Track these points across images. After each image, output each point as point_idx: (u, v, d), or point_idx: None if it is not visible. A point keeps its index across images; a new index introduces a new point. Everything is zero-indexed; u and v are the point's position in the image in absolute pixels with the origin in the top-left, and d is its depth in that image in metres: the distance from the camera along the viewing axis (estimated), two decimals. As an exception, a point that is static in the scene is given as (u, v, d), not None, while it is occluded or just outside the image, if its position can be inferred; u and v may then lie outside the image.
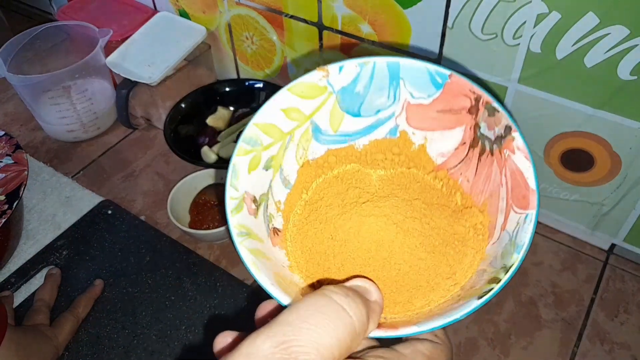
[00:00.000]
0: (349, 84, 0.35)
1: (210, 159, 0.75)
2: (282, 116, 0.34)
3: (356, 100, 0.35)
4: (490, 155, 0.32)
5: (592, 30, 0.48)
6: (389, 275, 0.31)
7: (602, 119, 0.53)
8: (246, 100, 0.84)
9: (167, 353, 0.57)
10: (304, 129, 0.35)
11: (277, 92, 0.34)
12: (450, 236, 0.32)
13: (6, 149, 0.67)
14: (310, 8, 0.67)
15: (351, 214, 0.34)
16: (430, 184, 0.36)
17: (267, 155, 0.34)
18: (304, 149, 0.36)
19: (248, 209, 0.32)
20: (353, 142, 0.37)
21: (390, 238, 0.32)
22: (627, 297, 0.60)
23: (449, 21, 0.56)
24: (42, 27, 0.82)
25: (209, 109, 0.83)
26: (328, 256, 0.33)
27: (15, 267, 0.66)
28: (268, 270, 0.29)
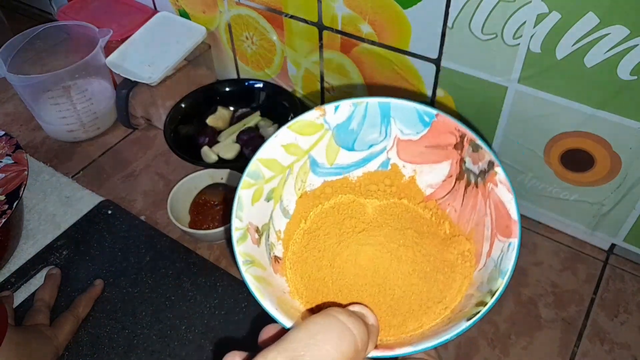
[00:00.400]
0: (344, 121, 0.38)
1: (210, 159, 0.75)
2: (282, 151, 0.38)
3: (350, 136, 0.38)
4: (475, 187, 0.35)
5: (592, 30, 0.48)
6: (384, 300, 0.33)
7: (602, 118, 0.53)
8: (246, 100, 0.84)
9: (167, 353, 0.57)
10: (302, 163, 0.38)
11: (280, 129, 0.39)
12: (440, 263, 0.34)
13: (6, 149, 0.67)
14: (310, 8, 0.67)
15: (348, 243, 0.36)
16: (420, 214, 0.38)
17: (269, 188, 0.37)
18: (302, 181, 0.39)
19: (252, 238, 0.34)
20: (348, 174, 0.40)
21: (385, 265, 0.34)
22: (627, 297, 0.60)
23: (449, 21, 0.56)
24: (42, 27, 0.82)
25: (209, 109, 0.83)
26: (326, 282, 0.34)
27: (15, 267, 0.66)
28: (271, 295, 0.31)
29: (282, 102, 0.81)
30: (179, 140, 0.75)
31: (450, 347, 0.57)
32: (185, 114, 0.80)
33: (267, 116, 0.82)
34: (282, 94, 0.81)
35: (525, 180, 0.65)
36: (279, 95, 0.81)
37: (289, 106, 0.80)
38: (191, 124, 0.80)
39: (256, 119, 0.82)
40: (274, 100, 0.82)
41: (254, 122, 0.81)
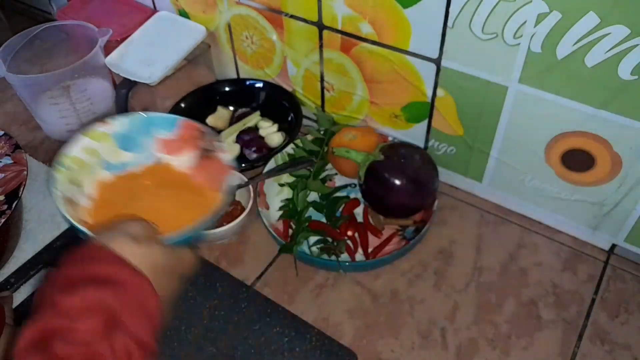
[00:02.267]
0: (123, 131, 0.54)
1: None
2: (83, 151, 0.52)
3: (128, 140, 0.55)
4: (210, 158, 0.54)
5: (592, 30, 0.48)
6: (159, 216, 0.48)
7: (603, 118, 0.53)
8: (246, 99, 0.84)
9: (167, 353, 0.57)
10: (96, 160, 0.53)
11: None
12: (197, 197, 0.53)
13: (5, 148, 0.67)
14: (310, 7, 0.67)
15: (134, 198, 0.53)
16: (184, 181, 0.55)
17: (74, 175, 0.51)
18: (96, 173, 0.53)
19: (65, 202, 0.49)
20: (131, 168, 0.55)
21: (160, 203, 0.53)
22: (628, 297, 0.60)
23: (449, 21, 0.56)
24: (41, 27, 0.82)
25: (208, 109, 0.83)
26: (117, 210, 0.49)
27: (15, 267, 0.66)
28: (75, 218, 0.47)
29: (282, 101, 0.81)
30: None
31: (451, 347, 0.57)
32: (185, 114, 0.79)
33: (267, 116, 0.82)
34: (282, 94, 0.81)
35: (526, 180, 0.64)
36: (279, 95, 0.81)
37: (289, 106, 0.80)
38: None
39: (256, 118, 0.81)
40: (274, 100, 0.82)
41: (254, 122, 0.81)
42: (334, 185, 0.73)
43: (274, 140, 0.78)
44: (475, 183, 0.70)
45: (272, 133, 0.79)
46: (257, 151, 0.76)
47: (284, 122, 0.80)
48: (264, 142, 0.78)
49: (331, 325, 0.59)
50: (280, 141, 0.78)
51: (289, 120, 0.80)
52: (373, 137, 0.70)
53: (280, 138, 0.78)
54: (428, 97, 0.65)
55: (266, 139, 0.79)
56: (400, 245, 0.65)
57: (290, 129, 0.78)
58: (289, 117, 0.80)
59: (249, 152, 0.77)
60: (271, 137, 0.78)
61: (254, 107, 0.84)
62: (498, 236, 0.67)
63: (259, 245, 0.67)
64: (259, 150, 0.77)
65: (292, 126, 0.78)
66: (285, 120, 0.80)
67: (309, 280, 0.63)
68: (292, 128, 0.77)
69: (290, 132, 0.77)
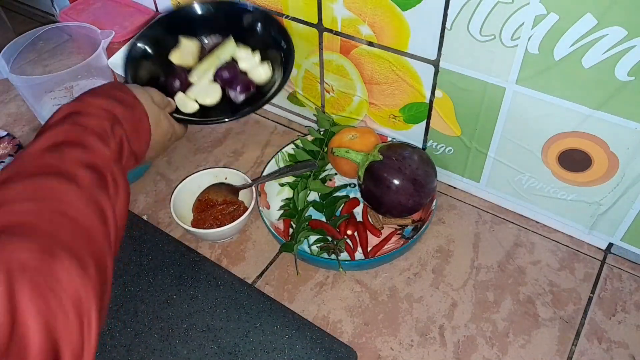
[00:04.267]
0: None
1: (188, 108, 0.65)
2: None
3: None
4: None
5: (589, 32, 0.49)
6: None
7: (600, 119, 0.54)
8: (213, 25, 0.72)
9: (169, 351, 0.57)
10: None
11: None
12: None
13: (9, 149, 0.67)
14: (310, 10, 0.67)
15: None
16: None
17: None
18: None
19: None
20: None
21: None
22: (625, 296, 0.61)
23: (447, 22, 0.57)
24: (44, 29, 0.82)
25: (170, 43, 0.70)
26: None
27: (18, 266, 0.66)
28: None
29: (257, 23, 0.70)
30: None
31: (449, 345, 0.57)
32: (145, 55, 0.68)
33: (243, 42, 0.69)
34: (256, 14, 0.70)
35: (523, 180, 0.65)
36: (253, 16, 0.70)
37: (269, 29, 0.68)
38: (154, 66, 0.69)
39: (231, 48, 0.68)
40: (248, 23, 0.71)
41: (229, 53, 0.69)
42: (333, 185, 0.74)
43: (260, 75, 0.67)
44: (473, 183, 0.71)
45: (256, 66, 0.68)
46: (243, 90, 0.65)
47: (266, 50, 0.69)
48: (248, 78, 0.68)
49: (331, 323, 0.60)
50: (268, 75, 0.67)
51: (274, 47, 0.68)
52: (372, 137, 0.71)
53: (268, 71, 0.68)
54: (426, 98, 0.66)
55: (250, 74, 0.68)
56: (399, 244, 0.66)
57: (278, 60, 0.66)
58: (272, 44, 0.68)
59: (234, 93, 0.67)
60: (256, 71, 0.67)
61: (224, 34, 0.71)
62: (495, 235, 0.67)
63: (259, 244, 0.68)
64: (246, 88, 0.66)
65: (282, 56, 0.66)
66: (267, 47, 0.69)
67: (310, 279, 0.64)
68: (283, 59, 0.66)
69: (280, 63, 0.66)
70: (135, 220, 0.71)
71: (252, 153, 0.80)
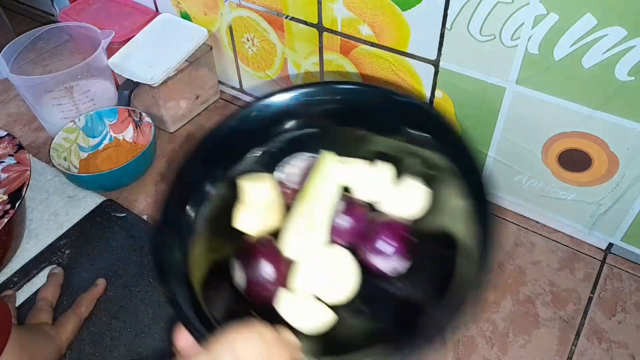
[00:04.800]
0: (86, 125, 0.78)
1: (314, 322, 0.42)
2: (63, 140, 0.76)
3: (91, 130, 0.79)
4: (142, 126, 0.74)
5: (589, 32, 0.49)
6: None
7: (600, 119, 0.54)
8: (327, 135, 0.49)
9: (168, 351, 0.57)
10: (74, 146, 0.77)
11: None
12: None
13: (9, 149, 0.67)
14: (310, 10, 0.67)
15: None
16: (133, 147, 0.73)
17: (64, 154, 0.75)
18: (76, 153, 0.77)
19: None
20: (98, 148, 0.79)
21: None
22: (625, 296, 0.61)
23: (447, 22, 0.57)
24: (44, 28, 0.82)
25: (228, 197, 0.47)
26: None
27: (18, 266, 0.66)
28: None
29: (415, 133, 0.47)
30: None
31: (449, 344, 0.57)
32: (176, 236, 0.43)
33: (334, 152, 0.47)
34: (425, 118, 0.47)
35: (523, 180, 0.65)
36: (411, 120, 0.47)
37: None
38: (205, 251, 0.45)
39: (336, 170, 0.45)
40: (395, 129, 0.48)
41: (338, 181, 0.45)
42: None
43: (410, 205, 0.45)
44: (473, 183, 0.71)
45: (405, 191, 0.46)
46: (398, 240, 0.42)
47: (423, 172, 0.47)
48: (391, 219, 0.45)
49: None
50: (421, 204, 0.45)
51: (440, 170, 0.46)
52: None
53: (420, 198, 0.45)
54: (426, 98, 0.66)
55: (384, 206, 0.46)
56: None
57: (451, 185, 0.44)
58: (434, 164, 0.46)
59: (378, 258, 0.42)
60: (402, 200, 0.45)
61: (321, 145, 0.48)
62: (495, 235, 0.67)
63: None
64: (397, 238, 0.42)
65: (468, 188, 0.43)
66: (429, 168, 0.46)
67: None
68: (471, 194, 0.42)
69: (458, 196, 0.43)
70: (135, 220, 0.71)
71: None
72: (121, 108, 0.79)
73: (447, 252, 0.42)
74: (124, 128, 0.81)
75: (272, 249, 0.44)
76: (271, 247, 0.44)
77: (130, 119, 0.80)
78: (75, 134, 0.78)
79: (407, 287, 0.45)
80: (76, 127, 0.78)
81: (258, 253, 0.43)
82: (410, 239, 0.44)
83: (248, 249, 0.44)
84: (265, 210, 0.46)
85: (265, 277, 0.42)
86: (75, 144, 0.78)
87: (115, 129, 0.81)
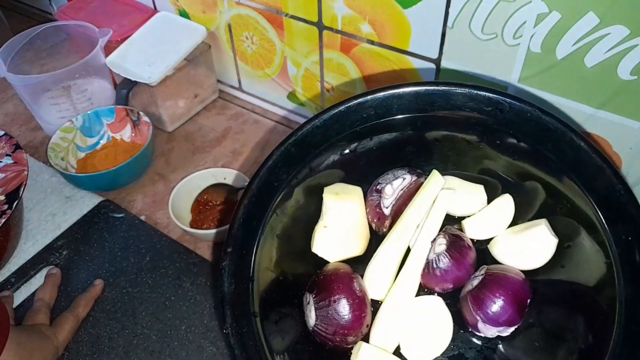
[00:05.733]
0: (83, 124, 0.77)
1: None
2: (60, 139, 0.75)
3: (88, 130, 0.78)
4: (135, 126, 0.78)
5: (592, 30, 0.48)
6: None
7: (602, 118, 0.54)
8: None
9: (167, 353, 0.57)
10: (72, 145, 0.77)
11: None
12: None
13: (6, 149, 0.67)
14: (310, 8, 0.67)
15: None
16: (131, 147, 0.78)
17: (61, 154, 0.75)
18: (74, 153, 0.77)
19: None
20: (95, 148, 0.79)
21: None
22: (627, 297, 0.60)
23: (449, 21, 0.56)
24: (41, 27, 0.82)
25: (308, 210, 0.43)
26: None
27: (15, 267, 0.66)
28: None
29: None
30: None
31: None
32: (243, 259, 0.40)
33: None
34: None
35: (525, 180, 0.65)
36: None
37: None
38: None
39: (441, 193, 0.40)
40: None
41: (443, 208, 0.40)
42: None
43: (522, 253, 0.39)
44: (474, 183, 0.70)
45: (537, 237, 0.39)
46: (512, 304, 0.36)
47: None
48: (501, 266, 0.39)
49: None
50: (547, 256, 0.39)
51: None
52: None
53: (548, 248, 0.39)
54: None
55: (496, 250, 0.40)
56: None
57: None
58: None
59: (487, 320, 0.37)
60: (519, 248, 0.39)
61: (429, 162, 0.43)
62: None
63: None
64: (515, 301, 0.36)
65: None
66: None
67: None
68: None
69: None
70: (133, 220, 0.70)
71: (251, 153, 0.80)
72: (119, 107, 0.79)
73: (572, 315, 0.36)
74: (122, 127, 0.80)
75: (353, 287, 0.37)
76: (352, 283, 0.37)
77: (128, 118, 0.79)
78: (73, 133, 0.77)
79: (509, 350, 0.38)
80: (74, 127, 0.77)
81: (336, 289, 0.37)
82: (528, 303, 0.37)
83: (324, 281, 0.38)
84: (350, 234, 0.41)
85: (340, 320, 0.36)
86: (73, 144, 0.77)
87: (113, 128, 0.80)
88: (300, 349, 0.38)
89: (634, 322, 0.32)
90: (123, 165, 0.70)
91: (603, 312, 0.34)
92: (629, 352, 0.31)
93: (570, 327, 0.35)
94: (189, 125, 0.86)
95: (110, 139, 0.80)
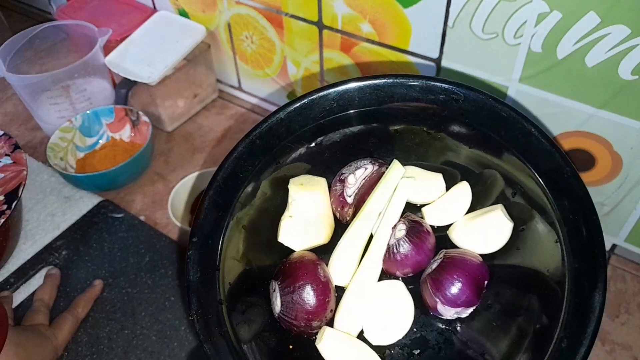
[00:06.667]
0: (83, 124, 0.77)
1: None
2: (59, 139, 0.75)
3: (87, 130, 0.78)
4: (134, 126, 0.79)
5: (593, 30, 0.48)
6: None
7: (603, 118, 0.53)
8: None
9: (167, 353, 0.57)
10: (71, 145, 0.77)
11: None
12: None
13: (5, 148, 0.66)
14: (310, 7, 0.67)
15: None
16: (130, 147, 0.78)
17: (60, 154, 0.75)
18: (73, 153, 0.77)
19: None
20: (94, 147, 0.79)
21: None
22: (628, 298, 0.60)
23: (449, 20, 0.56)
24: (41, 27, 0.81)
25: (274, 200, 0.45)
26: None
27: (15, 267, 0.66)
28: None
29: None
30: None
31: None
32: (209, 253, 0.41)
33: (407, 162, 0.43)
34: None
35: (526, 180, 0.64)
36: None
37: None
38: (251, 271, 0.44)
39: (401, 182, 0.41)
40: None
41: (403, 196, 0.41)
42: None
43: (479, 237, 0.41)
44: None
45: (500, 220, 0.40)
46: (471, 286, 0.38)
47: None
48: (459, 250, 0.41)
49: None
50: (503, 240, 0.41)
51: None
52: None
53: (504, 233, 0.41)
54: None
55: (455, 235, 0.42)
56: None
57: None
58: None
59: (446, 302, 0.38)
60: (477, 233, 0.41)
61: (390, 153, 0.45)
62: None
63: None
64: (473, 284, 0.38)
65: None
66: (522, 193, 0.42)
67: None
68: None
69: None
70: (132, 221, 0.70)
71: (251, 152, 0.79)
72: (118, 107, 0.79)
73: (526, 295, 0.38)
74: (121, 127, 0.80)
75: (317, 273, 0.39)
76: (316, 270, 0.39)
77: (127, 118, 0.79)
78: (72, 133, 0.77)
79: (468, 331, 0.40)
80: (73, 127, 0.77)
81: (301, 275, 0.38)
82: (485, 285, 0.39)
83: (289, 269, 0.39)
84: (315, 223, 0.43)
85: (305, 305, 0.38)
86: (72, 144, 0.77)
87: (112, 128, 0.80)
88: (267, 336, 0.41)
89: (579, 296, 0.35)
90: (122, 165, 0.70)
91: (554, 290, 0.36)
92: (577, 326, 0.35)
93: (525, 305, 0.39)
94: (189, 125, 0.86)
95: (109, 139, 0.80)
